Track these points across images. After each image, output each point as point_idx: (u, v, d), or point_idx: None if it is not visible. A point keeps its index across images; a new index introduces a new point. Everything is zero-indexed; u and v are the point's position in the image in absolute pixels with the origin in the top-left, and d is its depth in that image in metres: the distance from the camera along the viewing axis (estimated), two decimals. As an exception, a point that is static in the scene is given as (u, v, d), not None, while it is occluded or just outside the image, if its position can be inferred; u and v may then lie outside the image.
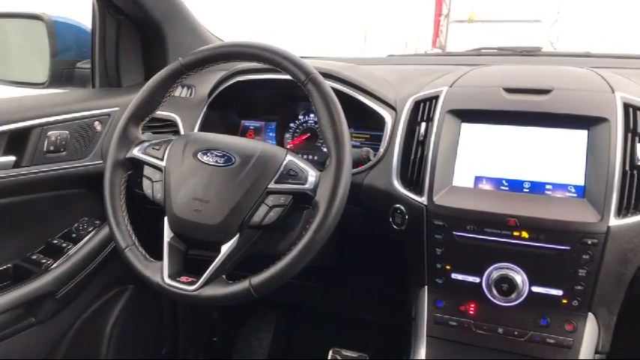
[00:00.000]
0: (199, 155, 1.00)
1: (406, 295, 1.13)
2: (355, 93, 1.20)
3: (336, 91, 1.17)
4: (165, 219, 1.00)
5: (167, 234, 0.99)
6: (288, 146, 1.38)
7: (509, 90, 1.08)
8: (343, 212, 0.95)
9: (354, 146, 1.27)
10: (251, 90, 1.35)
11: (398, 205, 1.08)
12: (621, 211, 0.93)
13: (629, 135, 0.97)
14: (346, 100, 1.18)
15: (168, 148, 1.04)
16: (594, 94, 1.05)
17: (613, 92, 1.03)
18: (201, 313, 1.77)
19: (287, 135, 1.40)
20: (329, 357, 1.69)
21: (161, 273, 0.97)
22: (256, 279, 0.91)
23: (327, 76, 1.18)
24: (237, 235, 0.94)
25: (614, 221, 0.93)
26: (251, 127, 1.43)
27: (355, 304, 1.55)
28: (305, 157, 1.34)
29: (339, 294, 1.54)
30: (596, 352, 0.99)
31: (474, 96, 1.11)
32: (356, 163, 1.10)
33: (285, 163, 0.97)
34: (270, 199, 0.95)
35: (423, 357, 1.05)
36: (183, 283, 0.95)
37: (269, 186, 0.95)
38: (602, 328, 0.99)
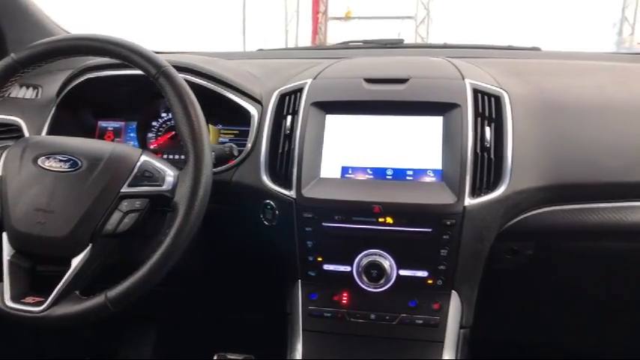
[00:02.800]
0: (40, 161, 0.91)
1: (281, 291, 1.11)
2: (218, 87, 1.16)
3: (196, 85, 1.13)
4: (4, 235, 0.89)
5: (7, 251, 0.89)
6: (151, 146, 1.31)
7: (369, 80, 1.10)
8: (212, 212, 0.91)
9: (221, 143, 1.23)
10: (107, 88, 1.25)
11: (268, 201, 1.06)
12: (475, 192, 0.98)
13: (479, 119, 1.03)
14: (210, 95, 1.15)
15: (3, 156, 0.93)
16: (447, 81, 1.09)
17: (463, 79, 1.08)
18: (69, 332, 1.62)
19: (150, 135, 1.31)
20: (213, 362, 1.63)
21: (1, 296, 0.86)
22: (113, 292, 0.85)
23: (186, 70, 1.13)
24: (90, 246, 0.87)
25: (469, 201, 0.97)
26: (109, 128, 1.33)
27: (236, 305, 1.51)
28: (171, 157, 1.28)
29: (218, 297, 1.49)
30: (461, 327, 1.04)
31: (337, 87, 1.12)
32: (220, 160, 1.06)
33: (139, 164, 0.91)
34: (124, 204, 0.88)
35: (300, 352, 1.04)
36: (28, 304, 0.86)
37: (122, 190, 0.88)
38: (464, 303, 1.04)
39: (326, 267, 1.04)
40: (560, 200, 1.03)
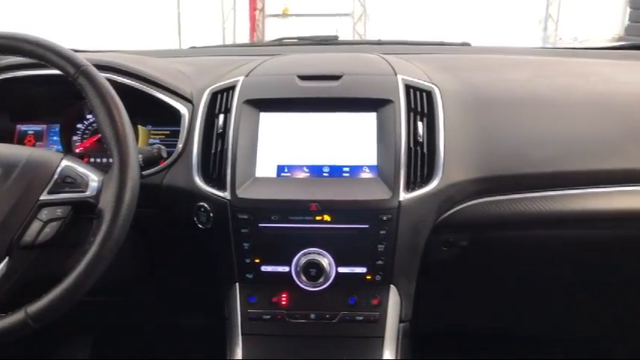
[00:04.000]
0: None
1: (219, 295, 1.09)
2: (144, 86, 1.11)
3: (121, 85, 1.09)
4: None
5: None
6: (77, 150, 1.24)
7: (302, 77, 1.09)
8: (143, 216, 0.87)
9: (151, 144, 1.18)
10: (24, 89, 1.18)
11: (201, 203, 1.02)
12: (409, 186, 0.99)
13: (411, 114, 1.04)
14: (138, 95, 1.10)
15: None
16: (379, 77, 1.10)
17: (396, 75, 1.09)
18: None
19: (75, 138, 1.25)
20: (153, 371, 1.58)
21: None
22: (34, 307, 0.79)
23: (109, 68, 1.08)
24: (6, 260, 0.82)
25: (404, 196, 0.98)
26: (29, 132, 1.25)
27: (174, 312, 1.46)
28: (99, 160, 1.21)
29: (155, 304, 1.44)
30: (400, 320, 1.04)
31: (269, 85, 1.10)
32: (148, 162, 1.02)
33: (59, 169, 0.86)
34: (44, 212, 0.83)
35: (240, 356, 1.01)
36: None
37: (41, 198, 0.83)
38: (403, 297, 1.04)
39: (264, 268, 1.02)
40: (491, 192, 1.06)
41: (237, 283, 1.05)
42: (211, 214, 1.01)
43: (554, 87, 1.17)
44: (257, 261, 1.02)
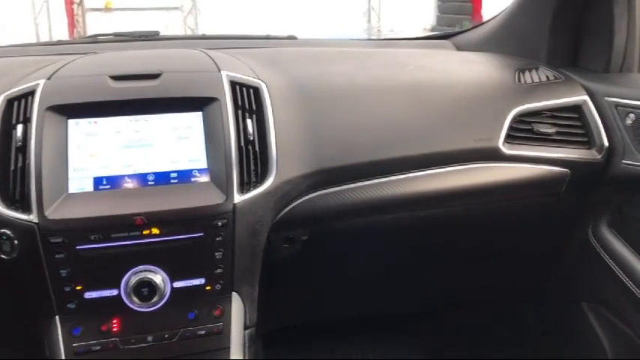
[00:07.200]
0: None
1: (37, 332, 0.95)
2: None
3: None
4: None
5: None
6: None
7: (115, 77, 1.00)
8: None
9: None
10: None
11: (2, 230, 0.88)
12: (244, 187, 0.96)
13: (240, 112, 1.00)
14: None
15: None
16: (202, 74, 1.05)
17: (219, 71, 1.04)
18: None
19: None
20: None
21: None
22: None
23: None
24: None
25: (238, 198, 0.94)
26: None
27: None
28: None
29: None
30: (245, 327, 1.01)
31: (77, 88, 0.99)
32: None
33: None
34: None
35: None
36: None
37: None
38: (247, 303, 1.01)
39: (88, 295, 0.91)
40: (325, 184, 1.07)
41: (57, 316, 0.92)
42: (16, 242, 0.88)
43: (373, 77, 1.21)
44: (79, 288, 0.91)
